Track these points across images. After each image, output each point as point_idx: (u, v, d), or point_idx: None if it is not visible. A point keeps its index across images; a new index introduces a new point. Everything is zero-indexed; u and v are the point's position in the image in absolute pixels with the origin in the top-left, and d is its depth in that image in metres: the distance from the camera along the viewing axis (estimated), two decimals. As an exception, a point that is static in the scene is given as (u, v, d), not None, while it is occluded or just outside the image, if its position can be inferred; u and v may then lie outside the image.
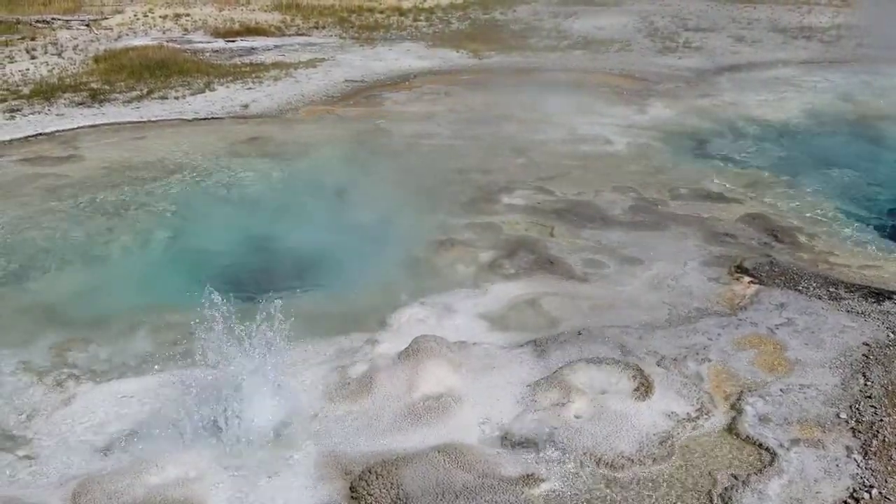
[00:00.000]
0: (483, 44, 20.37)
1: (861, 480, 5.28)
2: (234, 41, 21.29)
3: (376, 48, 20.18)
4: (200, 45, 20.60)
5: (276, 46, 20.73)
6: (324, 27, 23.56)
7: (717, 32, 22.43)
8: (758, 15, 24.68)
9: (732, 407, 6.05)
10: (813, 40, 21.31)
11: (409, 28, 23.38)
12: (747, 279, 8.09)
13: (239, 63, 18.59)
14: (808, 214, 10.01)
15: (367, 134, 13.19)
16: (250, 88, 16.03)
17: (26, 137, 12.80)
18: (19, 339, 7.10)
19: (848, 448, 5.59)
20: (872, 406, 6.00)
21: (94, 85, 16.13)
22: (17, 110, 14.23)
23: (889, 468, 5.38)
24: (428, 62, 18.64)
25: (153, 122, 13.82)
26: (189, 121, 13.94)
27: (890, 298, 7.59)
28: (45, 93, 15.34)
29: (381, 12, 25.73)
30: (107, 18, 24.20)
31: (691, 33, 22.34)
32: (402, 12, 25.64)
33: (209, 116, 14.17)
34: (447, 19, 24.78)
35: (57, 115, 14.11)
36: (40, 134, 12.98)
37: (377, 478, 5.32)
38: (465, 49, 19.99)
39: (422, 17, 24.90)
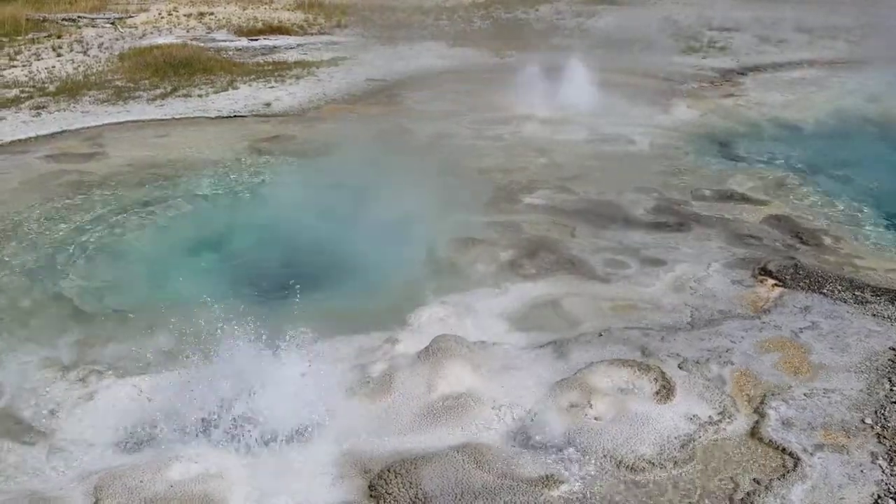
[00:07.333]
0: (505, 43, 20.32)
1: (886, 487, 5.20)
2: (257, 40, 21.45)
3: (398, 47, 20.20)
4: (224, 44, 20.77)
5: (298, 45, 20.85)
6: (346, 26, 23.65)
7: (742, 32, 22.24)
8: (783, 14, 24.44)
9: (755, 411, 5.98)
10: (839, 40, 21.06)
11: (430, 27, 23.38)
12: (771, 282, 8.00)
13: (262, 61, 18.70)
14: (833, 216, 9.88)
15: (388, 133, 13.20)
16: (273, 87, 16.12)
17: (52, 134, 12.96)
18: (43, 334, 7.17)
19: (873, 454, 5.50)
20: (899, 412, 5.91)
21: (118, 83, 16.29)
22: (44, 107, 14.40)
23: (915, 475, 5.29)
24: (450, 61, 18.64)
25: (177, 119, 13.95)
26: (212, 119, 14.05)
27: (917, 302, 7.47)
28: (71, 90, 15.52)
29: (403, 11, 25.77)
30: (132, 17, 24.46)
31: (715, 32, 22.18)
32: (423, 11, 25.67)
33: (232, 114, 14.27)
34: (469, 18, 24.78)
35: (82, 112, 14.26)
36: (66, 131, 13.15)
37: (396, 476, 5.31)
38: (487, 48, 19.96)
39: (444, 16, 24.92)
